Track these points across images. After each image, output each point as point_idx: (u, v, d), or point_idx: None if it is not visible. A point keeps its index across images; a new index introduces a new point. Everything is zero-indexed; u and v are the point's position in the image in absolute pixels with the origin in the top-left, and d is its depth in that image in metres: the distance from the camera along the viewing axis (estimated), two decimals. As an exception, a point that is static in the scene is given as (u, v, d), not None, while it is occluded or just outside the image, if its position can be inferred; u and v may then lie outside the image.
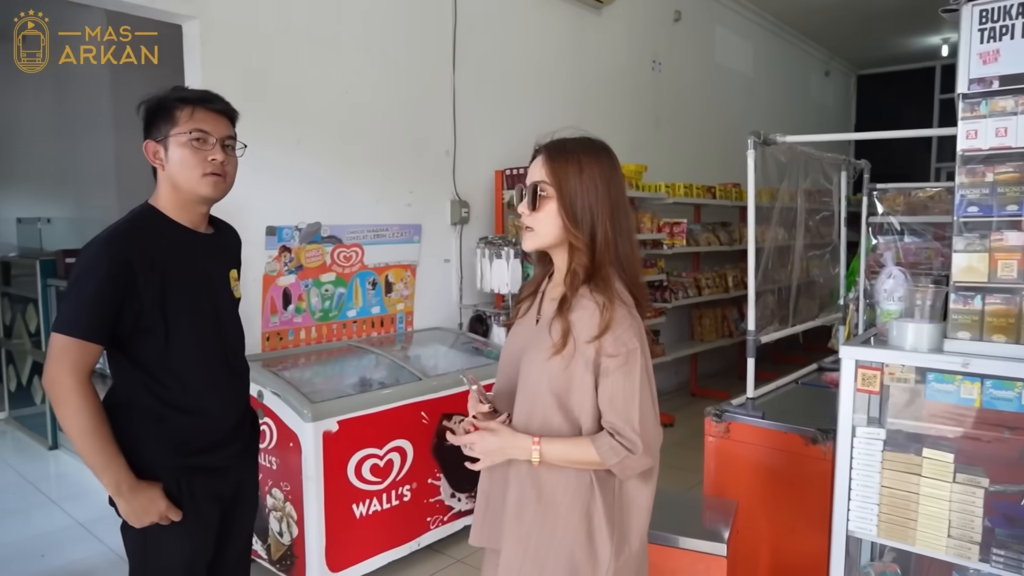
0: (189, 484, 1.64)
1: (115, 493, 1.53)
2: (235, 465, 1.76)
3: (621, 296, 1.37)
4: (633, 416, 1.32)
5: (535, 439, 1.36)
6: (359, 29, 3.53)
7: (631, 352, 1.33)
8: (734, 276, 6.24)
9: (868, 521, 1.63)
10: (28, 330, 4.67)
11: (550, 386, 1.37)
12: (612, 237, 1.38)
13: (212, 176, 1.61)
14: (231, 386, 1.75)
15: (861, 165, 3.31)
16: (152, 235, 1.60)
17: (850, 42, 8.66)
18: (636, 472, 1.37)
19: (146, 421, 1.61)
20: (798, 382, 2.97)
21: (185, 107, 1.60)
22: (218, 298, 1.72)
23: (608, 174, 1.40)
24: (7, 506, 3.70)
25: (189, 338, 1.62)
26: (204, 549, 1.70)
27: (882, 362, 1.59)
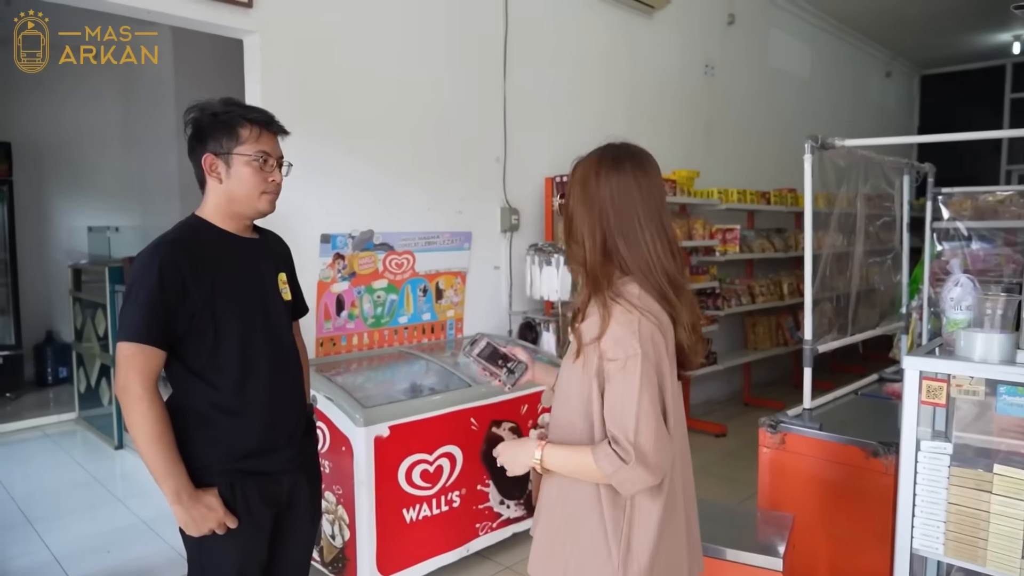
0: (243, 489, 1.67)
1: (175, 501, 1.57)
2: (289, 469, 1.78)
3: (631, 300, 1.33)
4: (628, 425, 1.27)
5: (540, 444, 1.38)
6: (411, 38, 3.59)
7: (631, 357, 1.29)
8: (789, 283, 6.09)
9: (934, 539, 1.57)
10: (97, 334, 4.88)
11: (579, 392, 1.37)
12: (612, 245, 1.37)
13: (270, 195, 1.70)
14: (282, 387, 1.76)
15: (925, 169, 3.18)
16: (199, 240, 1.66)
17: (913, 41, 8.37)
18: (636, 487, 1.29)
19: (198, 425, 1.64)
20: (857, 393, 2.88)
21: (252, 127, 1.66)
22: (267, 299, 1.75)
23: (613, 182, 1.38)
24: (76, 503, 3.87)
25: (238, 338, 1.66)
26: (256, 553, 1.72)
27: (949, 373, 1.52)
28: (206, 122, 1.66)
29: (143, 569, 3.10)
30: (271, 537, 1.77)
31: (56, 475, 4.30)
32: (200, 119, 1.67)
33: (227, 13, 2.89)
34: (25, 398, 5.89)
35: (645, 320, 1.31)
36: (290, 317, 1.87)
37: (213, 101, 1.69)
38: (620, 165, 1.40)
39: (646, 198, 1.38)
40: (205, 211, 1.71)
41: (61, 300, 6.02)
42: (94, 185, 6.62)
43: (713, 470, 4.34)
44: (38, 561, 3.18)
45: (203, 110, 1.67)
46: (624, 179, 1.38)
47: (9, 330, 6.05)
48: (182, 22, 2.89)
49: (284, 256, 1.91)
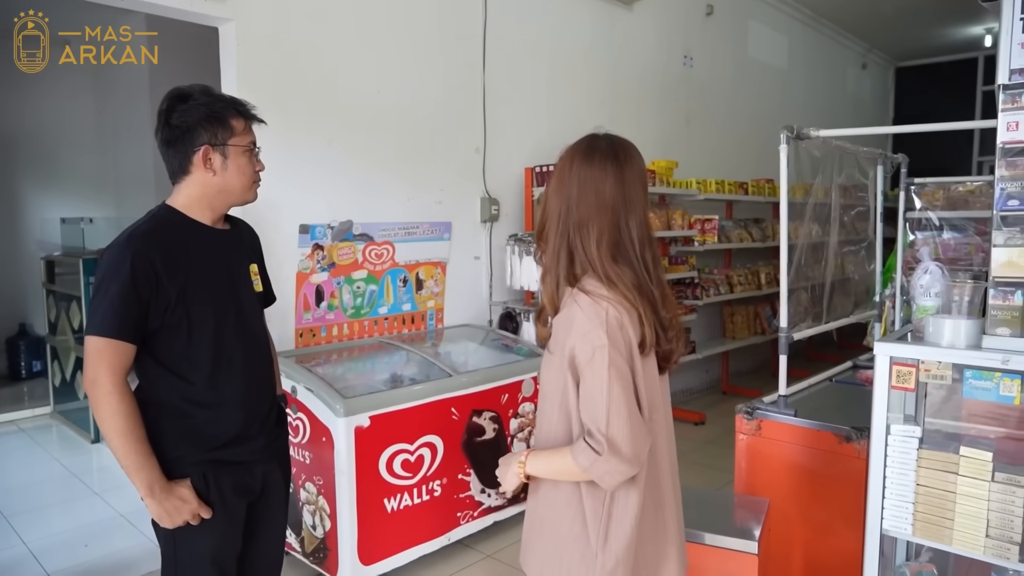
0: (216, 478, 1.66)
1: (147, 495, 1.56)
2: (261, 459, 1.78)
3: (598, 290, 1.32)
4: (599, 416, 1.27)
5: (525, 452, 1.40)
6: (390, 29, 3.57)
7: (597, 349, 1.28)
8: (767, 273, 6.16)
9: (903, 520, 1.61)
10: (72, 326, 4.81)
11: (556, 389, 1.38)
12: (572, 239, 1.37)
13: (258, 185, 1.73)
14: (253, 379, 1.76)
15: (898, 159, 3.24)
16: (173, 232, 1.63)
17: (889, 34, 8.46)
18: (616, 479, 1.29)
19: (170, 418, 1.63)
20: (832, 380, 2.93)
21: (241, 119, 1.67)
22: (239, 292, 1.75)
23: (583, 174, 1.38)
24: (52, 498, 3.83)
25: (211, 332, 1.65)
26: (231, 542, 1.72)
27: (918, 359, 1.56)
28: (196, 113, 1.62)
29: (121, 563, 3.08)
30: (245, 527, 1.77)
31: (32, 470, 4.25)
32: (187, 110, 1.62)
33: (202, 0, 2.86)
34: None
35: (613, 309, 1.30)
36: (261, 308, 1.86)
37: (192, 90, 1.64)
38: (590, 157, 1.39)
39: (591, 183, 1.37)
40: (178, 201, 1.67)
41: (34, 292, 5.92)
42: (67, 176, 6.51)
43: (692, 457, 4.39)
44: (15, 556, 3.14)
45: (185, 99, 1.63)
46: (593, 171, 1.38)
47: (-19, 323, 5.95)
48: (157, 9, 2.85)
49: (255, 246, 1.90)
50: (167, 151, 1.65)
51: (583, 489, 1.37)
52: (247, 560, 1.81)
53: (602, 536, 1.35)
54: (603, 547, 1.35)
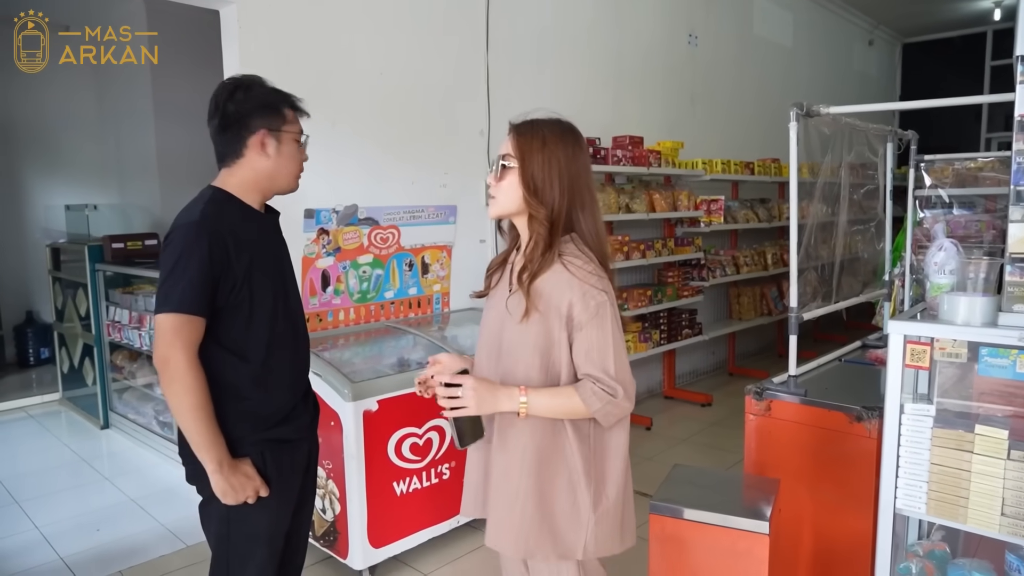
0: (273, 456, 1.71)
1: (216, 471, 1.57)
2: (306, 436, 1.83)
3: (587, 254, 1.46)
4: (609, 364, 1.41)
5: (522, 389, 1.43)
6: (393, 10, 3.52)
7: (600, 305, 1.42)
8: (773, 253, 6.13)
9: (916, 499, 1.60)
10: (78, 313, 4.82)
11: (535, 347, 1.45)
12: (571, 210, 1.48)
13: (301, 173, 1.79)
14: (300, 359, 1.83)
15: (908, 136, 3.20)
16: (237, 216, 1.68)
17: (895, 9, 8.35)
18: (617, 418, 1.44)
19: (229, 398, 1.65)
20: (841, 360, 2.91)
21: (290, 109, 1.73)
22: (285, 274, 1.81)
23: (570, 152, 1.49)
24: (64, 483, 3.86)
25: (268, 312, 1.69)
26: (283, 520, 1.76)
27: (932, 337, 1.54)
28: (254, 101, 1.68)
29: (133, 547, 3.10)
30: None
31: (42, 455, 4.28)
32: (245, 99, 1.67)
33: (202, -17, 2.82)
34: (7, 379, 5.83)
35: (601, 270, 1.46)
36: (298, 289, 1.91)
37: (248, 80, 1.71)
38: (577, 138, 1.52)
39: (587, 170, 1.52)
40: (230, 184, 1.70)
41: (40, 280, 5.94)
42: (70, 163, 6.49)
43: (699, 439, 4.39)
44: (27, 540, 3.17)
45: (242, 88, 1.68)
46: (581, 152, 1.51)
47: (-12, 312, 5.97)
48: (156, -8, 2.82)
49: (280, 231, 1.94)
50: (221, 136, 1.69)
51: (570, 434, 1.46)
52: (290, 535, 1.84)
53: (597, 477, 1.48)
54: (599, 488, 1.47)
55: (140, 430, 4.38)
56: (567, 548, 1.48)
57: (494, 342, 1.55)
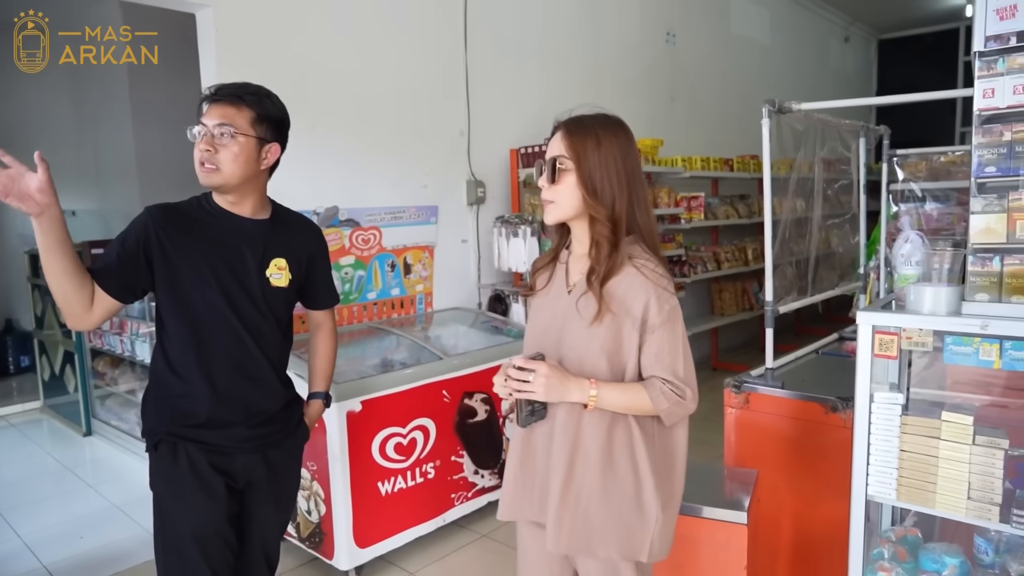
0: (187, 451, 1.70)
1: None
2: (241, 449, 1.76)
3: (651, 256, 1.46)
4: (679, 367, 1.43)
5: (592, 381, 1.41)
6: (371, 11, 3.53)
7: (673, 309, 1.43)
8: (754, 249, 6.19)
9: (887, 486, 1.63)
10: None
11: (602, 348, 1.43)
12: (631, 207, 1.45)
13: (201, 167, 1.66)
14: (234, 364, 1.74)
15: (880, 131, 3.25)
16: (188, 208, 1.72)
17: (870, 6, 8.46)
18: (680, 418, 1.46)
19: (155, 385, 1.75)
20: (818, 352, 2.96)
21: (202, 104, 1.70)
22: (238, 278, 1.73)
23: (624, 147, 1.45)
24: (46, 491, 3.83)
25: (192, 301, 1.69)
26: (210, 519, 1.71)
27: (899, 327, 1.58)
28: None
29: (116, 553, 3.09)
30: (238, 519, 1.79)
31: (24, 464, 4.25)
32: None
33: (178, -14, 2.82)
34: (-13, 388, 5.77)
35: (666, 270, 1.46)
36: (281, 302, 1.83)
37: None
38: (628, 132, 1.49)
39: (639, 164, 1.49)
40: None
41: (19, 287, 5.87)
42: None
43: (682, 433, 4.43)
44: (10, 549, 3.15)
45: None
46: (633, 146, 1.49)
47: (-34, 320, 5.91)
48: (132, -3, 2.81)
49: (292, 243, 1.85)
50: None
51: (636, 432, 1.45)
52: (242, 554, 1.83)
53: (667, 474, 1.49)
54: (668, 485, 1.48)
55: (123, 436, 4.35)
56: (633, 549, 1.44)
57: (552, 342, 1.50)
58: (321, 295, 2.02)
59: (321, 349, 2.12)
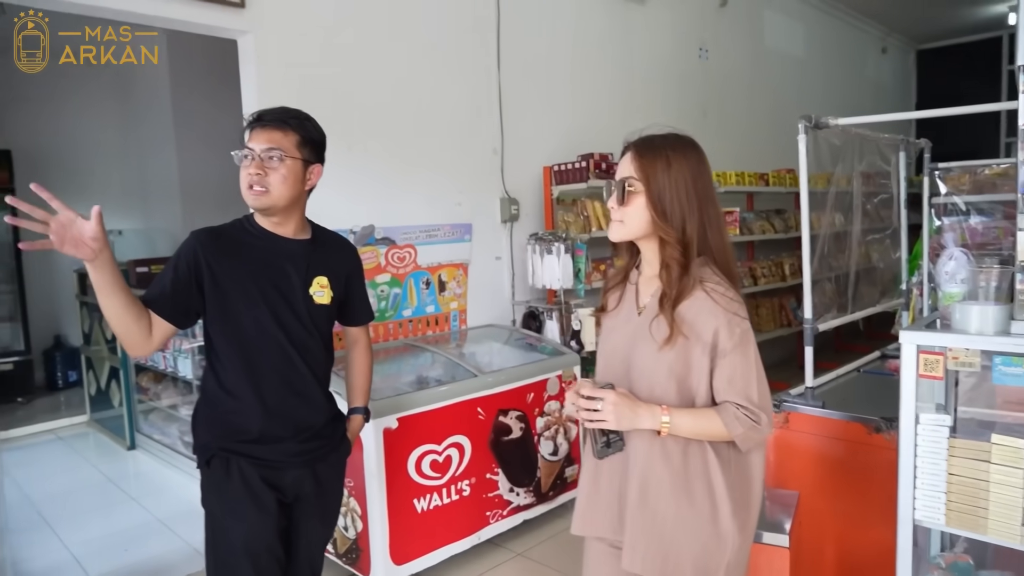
0: (239, 467, 1.74)
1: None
2: (291, 464, 1.81)
3: (721, 279, 1.44)
4: (752, 392, 1.40)
5: (663, 408, 1.40)
6: (404, 34, 3.60)
7: (745, 332, 1.41)
8: (791, 264, 6.09)
9: (935, 510, 1.59)
10: (105, 337, 4.92)
11: (671, 372, 1.42)
12: (702, 229, 1.43)
13: (250, 190, 1.72)
14: (284, 381, 1.79)
15: (921, 144, 3.19)
16: (233, 231, 1.78)
17: (908, 16, 8.32)
18: (755, 443, 1.44)
19: (205, 404, 1.81)
20: (860, 370, 2.90)
21: (247, 130, 1.75)
22: (284, 297, 1.78)
23: (696, 168, 1.44)
24: (91, 504, 3.92)
25: (242, 322, 1.74)
26: (262, 534, 1.75)
27: (945, 346, 1.54)
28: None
29: (160, 566, 3.15)
30: (285, 534, 1.82)
31: (71, 477, 4.36)
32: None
33: (220, 14, 2.91)
34: (37, 402, 5.95)
35: (737, 293, 1.45)
36: (324, 319, 1.89)
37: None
38: (700, 153, 1.47)
39: (711, 184, 1.47)
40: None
41: (68, 305, 6.06)
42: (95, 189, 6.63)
43: (720, 451, 4.36)
44: (58, 561, 3.23)
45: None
46: (705, 167, 1.46)
47: (18, 336, 6.11)
48: (176, 24, 2.90)
49: (336, 261, 1.91)
50: None
51: (711, 457, 1.43)
52: (291, 565, 1.87)
53: (745, 500, 1.46)
54: (745, 512, 1.45)
55: (165, 450, 4.45)
56: (707, 574, 1.43)
57: (620, 365, 1.50)
58: (358, 312, 2.08)
59: (358, 365, 2.16)
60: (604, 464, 1.52)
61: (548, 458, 3.36)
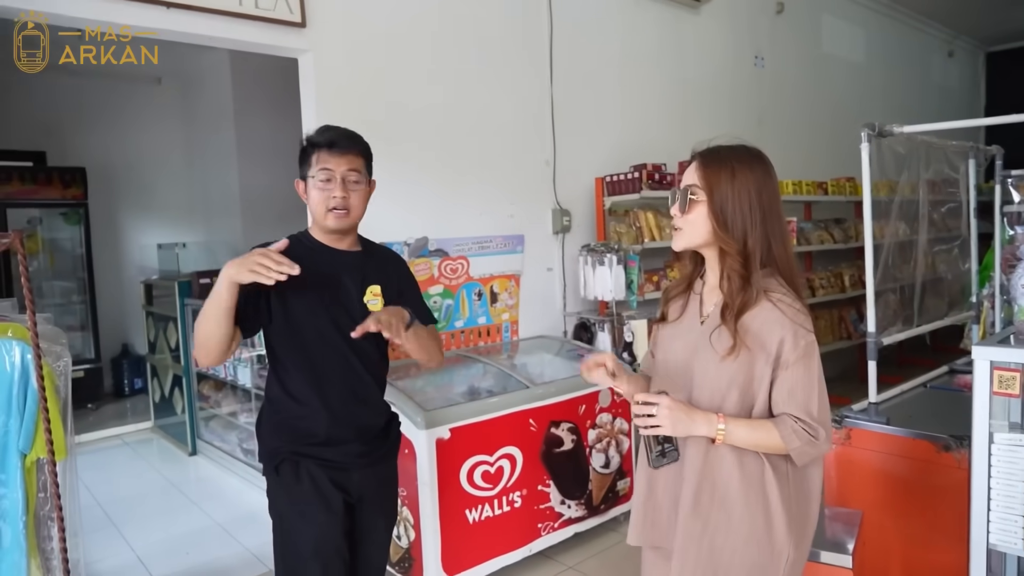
0: (308, 469, 1.81)
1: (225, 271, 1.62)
2: (356, 465, 1.88)
3: (786, 291, 1.42)
4: (812, 406, 1.38)
5: (719, 416, 1.39)
6: (459, 48, 3.65)
7: (809, 345, 1.39)
8: (851, 275, 5.91)
9: (1012, 534, 1.52)
10: (169, 346, 5.10)
11: (732, 382, 1.41)
12: (765, 241, 1.42)
13: (332, 211, 1.80)
14: (346, 386, 1.86)
15: (992, 151, 3.06)
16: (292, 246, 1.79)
17: (976, 17, 8.00)
18: (812, 458, 1.41)
19: (271, 410, 1.86)
20: (927, 386, 2.79)
21: (318, 151, 1.81)
22: (343, 305, 1.85)
23: (761, 180, 1.43)
24: (155, 507, 4.06)
25: (305, 331, 1.80)
26: (331, 536, 1.81)
27: (1021, 363, 1.47)
28: (300, 152, 1.85)
29: (220, 569, 3.24)
30: (350, 536, 1.86)
31: (136, 481, 4.52)
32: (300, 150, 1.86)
33: (281, 34, 3.00)
34: (105, 408, 6.20)
35: (804, 305, 1.42)
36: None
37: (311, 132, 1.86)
38: (767, 165, 1.46)
39: (777, 196, 1.46)
40: (312, 225, 1.91)
41: (135, 315, 6.31)
42: (161, 204, 6.93)
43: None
44: (124, 562, 3.35)
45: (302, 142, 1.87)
46: (771, 180, 1.45)
47: (89, 345, 6.38)
48: (239, 45, 3.01)
49: (383, 271, 1.96)
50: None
51: (768, 470, 1.41)
52: (355, 567, 1.91)
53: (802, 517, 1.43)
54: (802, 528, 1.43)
55: (225, 457, 4.58)
56: None
57: (681, 374, 1.50)
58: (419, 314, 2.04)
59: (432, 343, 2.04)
60: (660, 472, 1.51)
61: (600, 471, 3.33)
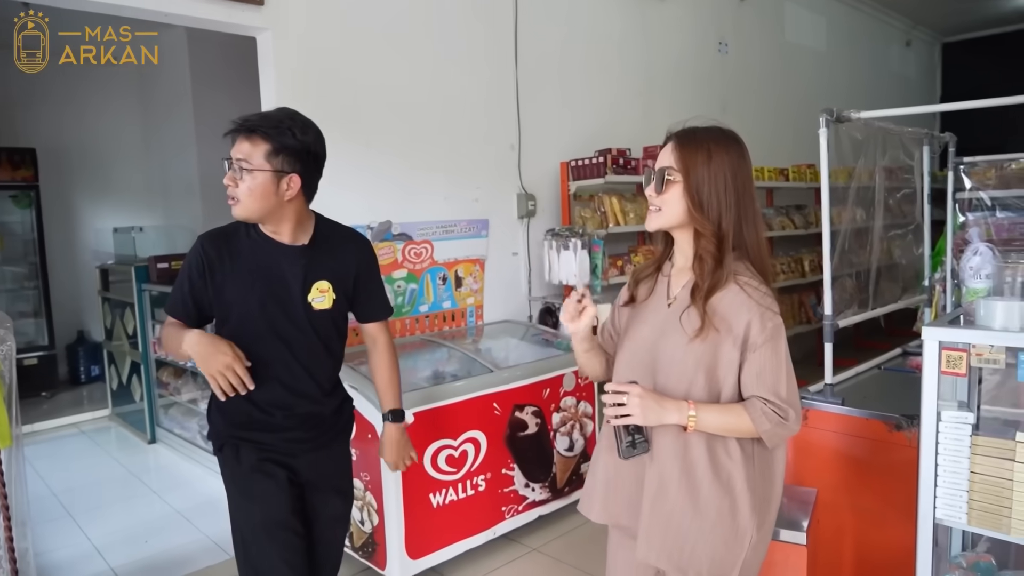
0: (247, 454, 1.82)
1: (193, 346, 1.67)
2: (299, 450, 1.87)
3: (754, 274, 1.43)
4: (780, 387, 1.39)
5: (690, 402, 1.39)
6: (421, 30, 3.60)
7: (776, 327, 1.40)
8: (811, 260, 6.03)
9: (957, 509, 1.56)
10: (126, 332, 4.98)
11: (699, 364, 1.42)
12: (738, 224, 1.42)
13: (231, 199, 1.73)
14: (281, 382, 1.82)
15: (945, 139, 3.13)
16: (237, 236, 1.81)
17: (933, 8, 8.17)
18: (782, 439, 1.43)
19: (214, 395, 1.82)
20: (881, 367, 2.86)
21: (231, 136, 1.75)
22: (282, 304, 1.81)
23: (736, 163, 1.43)
24: (113, 496, 3.98)
25: (243, 326, 1.79)
26: (276, 508, 1.80)
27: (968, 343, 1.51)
28: None
29: (180, 558, 3.19)
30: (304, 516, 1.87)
31: (93, 470, 4.43)
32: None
33: (239, 11, 2.93)
34: (60, 396, 6.04)
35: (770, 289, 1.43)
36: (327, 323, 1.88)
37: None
38: (742, 148, 1.46)
39: (751, 180, 1.46)
40: None
41: (90, 300, 6.15)
42: (118, 187, 6.73)
43: (738, 449, 4.33)
44: (80, 552, 3.28)
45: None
46: (746, 162, 1.45)
47: (42, 331, 6.21)
48: (195, 22, 2.93)
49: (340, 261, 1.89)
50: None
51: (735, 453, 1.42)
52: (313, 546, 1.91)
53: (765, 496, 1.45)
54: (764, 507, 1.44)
55: (185, 444, 4.50)
56: (724, 568, 1.43)
57: (647, 357, 1.49)
58: (371, 307, 2.02)
59: (380, 367, 2.08)
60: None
61: (564, 454, 3.35)
